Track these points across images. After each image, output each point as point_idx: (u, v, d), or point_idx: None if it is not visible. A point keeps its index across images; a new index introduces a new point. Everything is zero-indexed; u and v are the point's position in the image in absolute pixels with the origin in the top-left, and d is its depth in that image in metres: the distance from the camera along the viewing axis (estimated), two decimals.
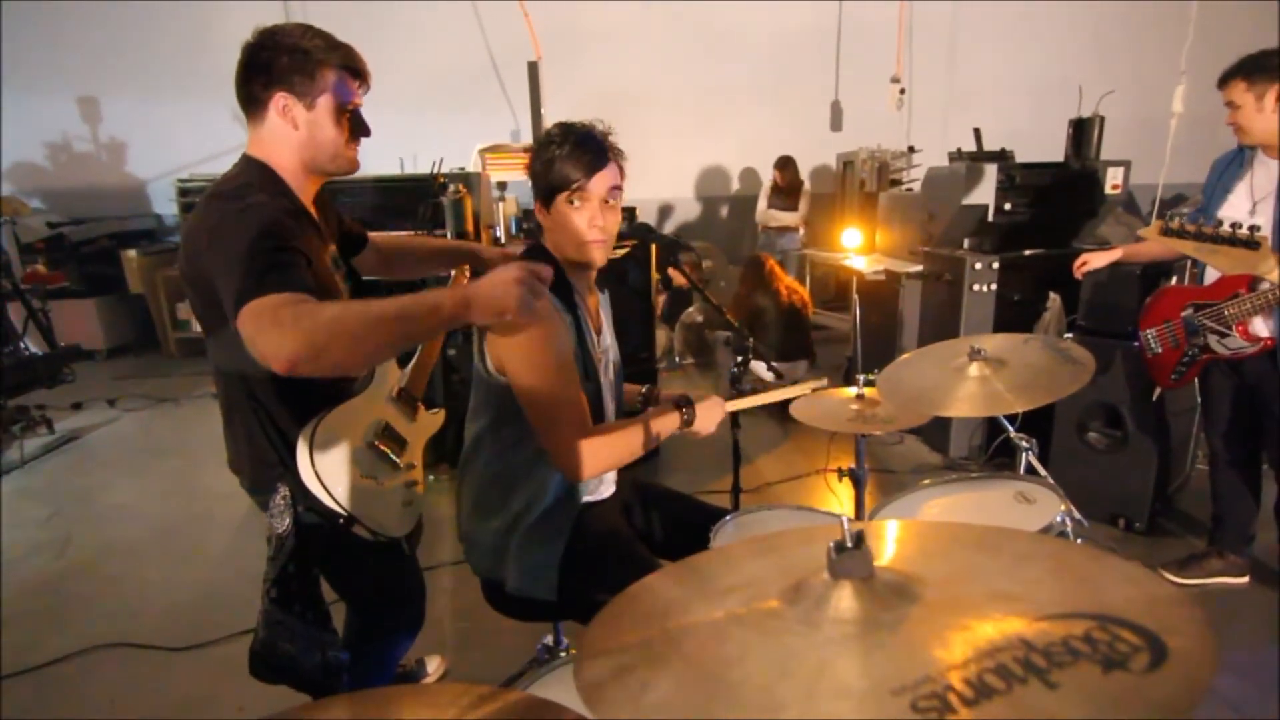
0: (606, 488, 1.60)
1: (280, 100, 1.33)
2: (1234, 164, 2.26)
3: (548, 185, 1.38)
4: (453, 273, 1.93)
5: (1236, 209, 2.17)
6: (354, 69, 1.39)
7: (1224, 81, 2.13)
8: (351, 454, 1.39)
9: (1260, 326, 2.14)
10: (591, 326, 1.51)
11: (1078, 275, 2.55)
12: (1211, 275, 2.23)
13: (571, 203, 1.38)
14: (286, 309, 1.12)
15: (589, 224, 1.39)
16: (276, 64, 1.31)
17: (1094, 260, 2.47)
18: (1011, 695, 0.46)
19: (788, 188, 6.15)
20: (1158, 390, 2.54)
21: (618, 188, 1.41)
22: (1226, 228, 1.35)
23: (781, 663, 0.54)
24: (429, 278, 2.32)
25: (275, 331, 1.10)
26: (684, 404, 1.50)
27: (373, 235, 1.77)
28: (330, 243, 1.49)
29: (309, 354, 1.09)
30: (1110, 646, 0.49)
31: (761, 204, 6.33)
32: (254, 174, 1.36)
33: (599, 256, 1.44)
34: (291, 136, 1.35)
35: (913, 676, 0.49)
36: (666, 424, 1.45)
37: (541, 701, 0.88)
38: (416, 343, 1.30)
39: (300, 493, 1.36)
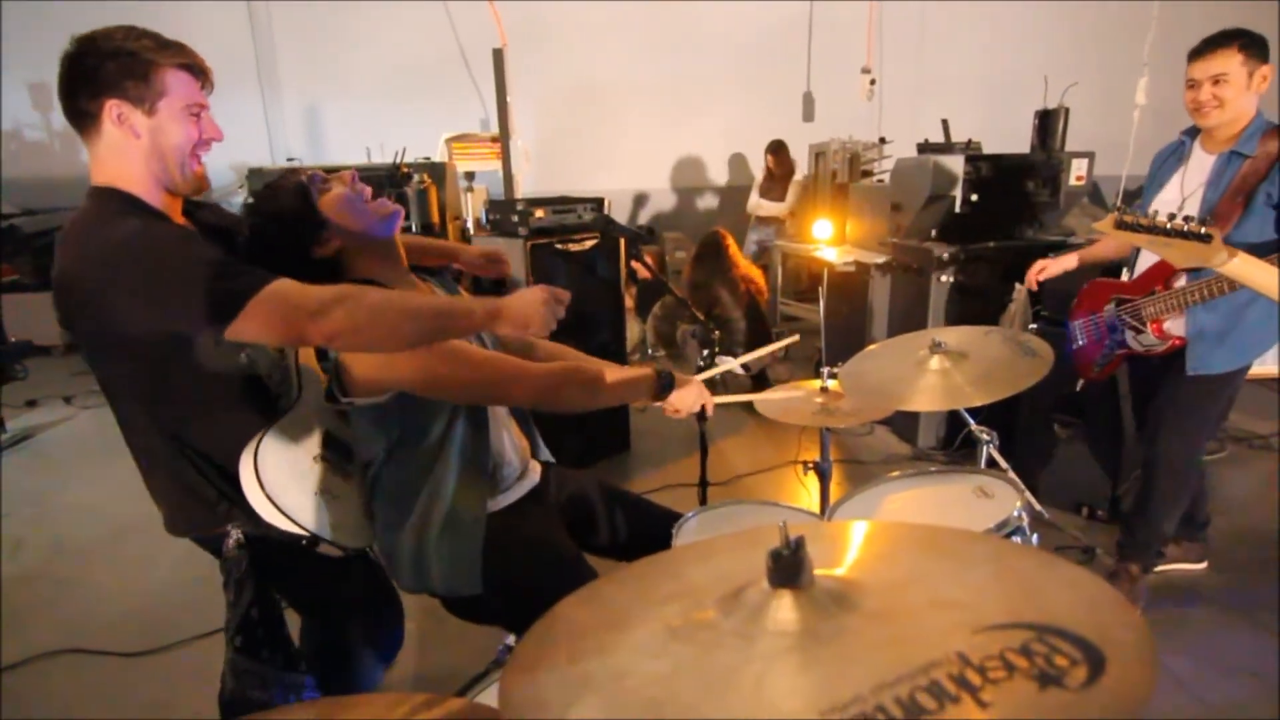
0: (524, 484, 1.56)
1: (114, 109, 1.19)
2: (1172, 156, 2.18)
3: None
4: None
5: (1168, 202, 2.11)
6: (192, 65, 1.26)
7: (1210, 48, 1.92)
8: (301, 471, 1.33)
9: (1174, 325, 2.09)
10: None
11: (1032, 283, 2.47)
12: (1140, 269, 2.18)
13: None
14: (317, 291, 1.14)
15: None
16: (102, 71, 1.18)
17: (1051, 267, 2.40)
18: (943, 715, 0.44)
19: (781, 173, 6.07)
20: (1080, 382, 2.48)
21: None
22: (1179, 221, 1.35)
23: (712, 680, 0.52)
24: None
25: (309, 307, 1.12)
26: (663, 375, 1.51)
27: None
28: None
29: (349, 328, 1.13)
30: (1047, 660, 0.47)
31: (754, 196, 6.25)
32: (111, 203, 1.23)
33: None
34: (134, 147, 1.22)
35: (844, 696, 0.46)
36: (642, 386, 1.49)
37: (483, 708, 0.86)
38: (443, 340, 1.29)
39: (254, 525, 1.30)
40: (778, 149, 6.05)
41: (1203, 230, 1.32)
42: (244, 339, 1.17)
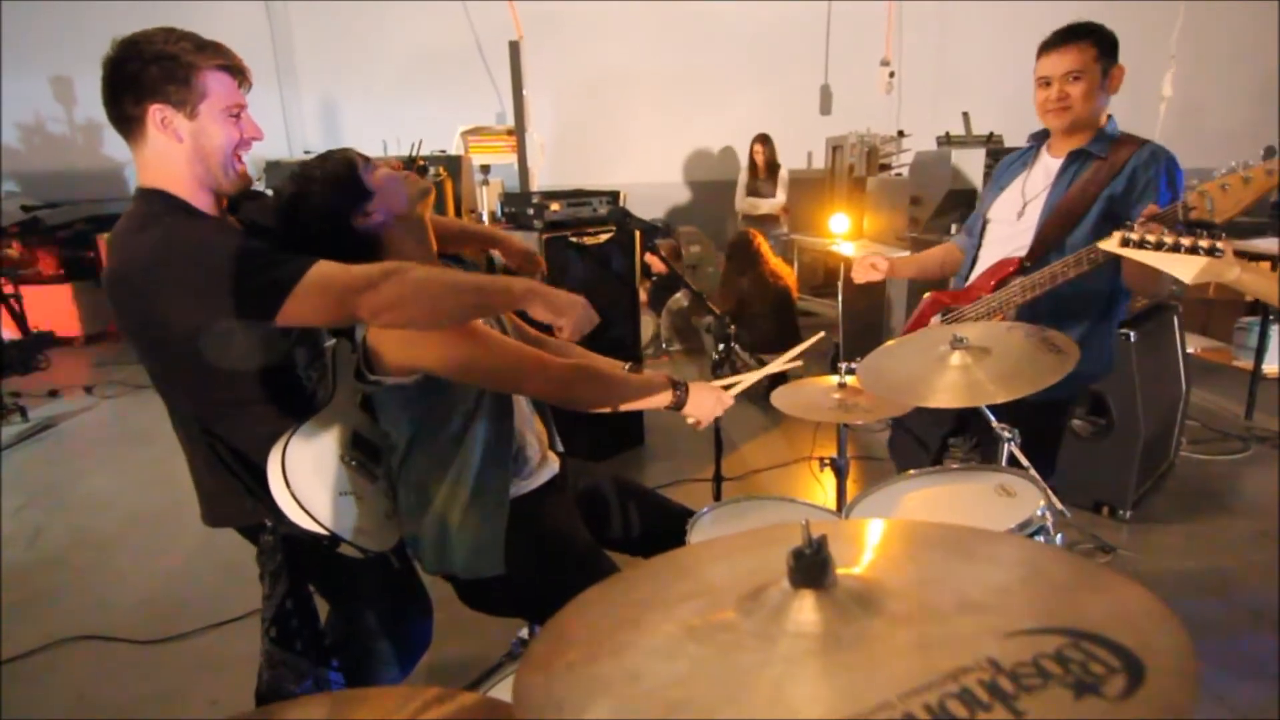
0: (544, 472, 1.56)
1: (157, 113, 1.22)
2: (1018, 161, 2.02)
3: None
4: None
5: (1007, 207, 1.96)
6: (230, 66, 1.28)
7: (1063, 42, 1.79)
8: (327, 471, 1.34)
9: None
10: None
11: (857, 279, 2.22)
12: (972, 281, 1.98)
13: None
14: (361, 268, 1.17)
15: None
16: (145, 76, 1.20)
17: (875, 266, 2.14)
18: None
19: (766, 166, 6.06)
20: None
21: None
22: (1189, 237, 1.31)
23: (733, 683, 0.50)
24: None
25: (357, 285, 1.16)
26: (679, 386, 1.51)
27: None
28: None
29: (395, 302, 1.17)
30: (1083, 668, 0.45)
31: (740, 188, 6.23)
32: (156, 204, 1.25)
33: None
34: (177, 151, 1.25)
35: (870, 701, 0.45)
36: (655, 395, 1.48)
37: (496, 703, 0.85)
38: (483, 316, 1.35)
39: (280, 520, 1.31)
40: (765, 141, 6.03)
41: (1216, 245, 1.28)
42: (294, 323, 1.20)
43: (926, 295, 2.13)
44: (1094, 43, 1.77)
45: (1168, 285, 2.00)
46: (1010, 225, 1.92)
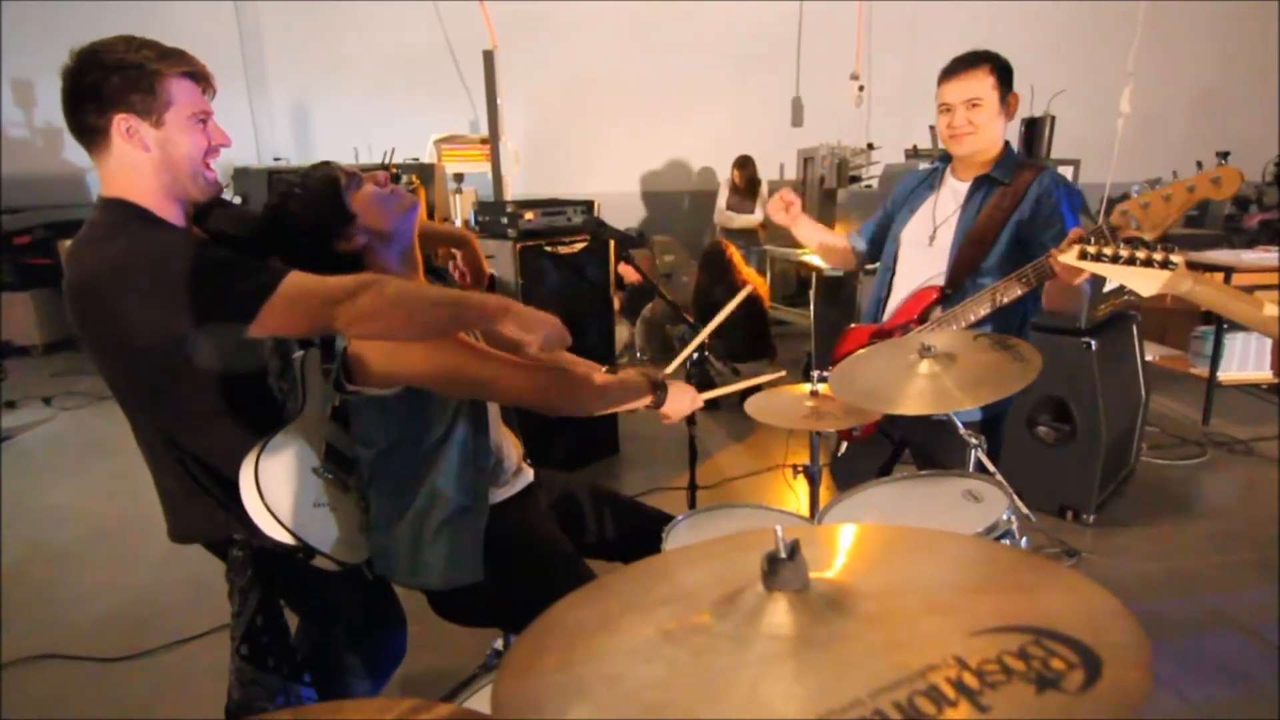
0: (520, 480, 1.56)
1: (122, 123, 1.19)
2: (924, 184, 2.03)
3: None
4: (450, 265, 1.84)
5: (919, 230, 1.97)
6: (194, 73, 1.26)
7: (963, 68, 1.81)
8: (300, 482, 1.32)
9: None
10: None
11: (772, 216, 2.17)
12: (892, 308, 1.99)
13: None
14: (338, 279, 1.17)
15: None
16: (107, 85, 1.17)
17: (794, 215, 2.11)
18: (941, 719, 0.44)
19: (746, 186, 6.18)
20: (844, 445, 2.19)
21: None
22: (1143, 252, 1.36)
23: (709, 685, 0.51)
24: None
25: (334, 295, 1.15)
26: (659, 386, 1.53)
27: None
28: None
29: (371, 313, 1.16)
30: (1044, 664, 0.47)
31: (720, 202, 6.32)
32: (119, 213, 1.23)
33: None
34: (144, 161, 1.23)
35: (841, 700, 0.46)
36: (637, 394, 1.51)
37: (472, 713, 0.85)
38: (458, 331, 1.34)
39: (252, 533, 1.29)
40: (744, 163, 6.15)
41: (1169, 258, 1.33)
42: (269, 334, 1.19)
43: (850, 326, 2.14)
44: (991, 69, 1.80)
45: (1083, 305, 2.04)
46: (923, 249, 1.95)
